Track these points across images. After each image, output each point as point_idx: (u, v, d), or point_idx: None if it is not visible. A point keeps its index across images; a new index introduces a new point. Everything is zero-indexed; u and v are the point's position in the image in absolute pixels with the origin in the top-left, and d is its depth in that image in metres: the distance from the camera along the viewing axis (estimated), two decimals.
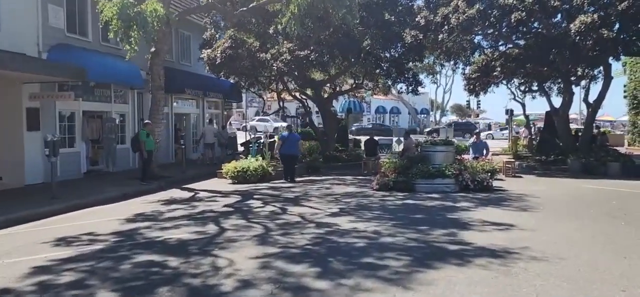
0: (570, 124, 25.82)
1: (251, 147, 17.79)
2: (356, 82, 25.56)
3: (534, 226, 8.68)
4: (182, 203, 11.85)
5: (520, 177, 16.92)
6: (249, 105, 27.53)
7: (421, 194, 12.58)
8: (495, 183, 13.95)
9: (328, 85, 25.60)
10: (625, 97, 31.90)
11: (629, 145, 30.55)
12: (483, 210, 10.35)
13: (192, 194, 13.47)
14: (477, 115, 62.09)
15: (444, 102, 62.09)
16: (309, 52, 18.93)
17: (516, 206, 10.84)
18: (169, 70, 22.08)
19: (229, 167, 15.92)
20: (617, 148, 24.43)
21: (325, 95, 24.87)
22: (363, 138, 26.07)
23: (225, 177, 15.91)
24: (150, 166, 15.34)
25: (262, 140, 21.83)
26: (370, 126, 47.81)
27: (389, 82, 24.97)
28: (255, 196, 12.77)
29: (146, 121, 15.81)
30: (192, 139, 24.15)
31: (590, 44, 18.40)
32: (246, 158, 16.80)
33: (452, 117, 66.24)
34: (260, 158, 16.53)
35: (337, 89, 26.24)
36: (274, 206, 11.15)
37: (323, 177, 16.90)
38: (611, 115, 57.20)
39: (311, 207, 10.89)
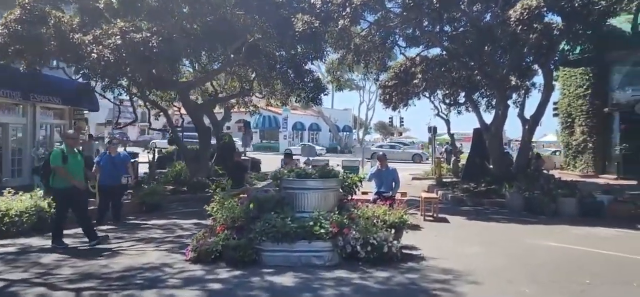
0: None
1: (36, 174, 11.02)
2: (244, 86, 19.38)
3: None
4: None
5: (445, 220, 11.21)
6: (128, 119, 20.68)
7: (267, 273, 6.43)
8: (407, 239, 8.06)
9: (200, 88, 19.32)
10: (555, 115, 27.56)
11: (561, 168, 26.16)
12: None
13: None
14: (400, 134, 57.46)
15: (368, 119, 56.95)
16: (148, 36, 12.47)
17: None
18: None
19: None
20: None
21: (199, 101, 18.50)
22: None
23: None
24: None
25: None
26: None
27: (287, 89, 19.01)
28: None
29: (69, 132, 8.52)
30: (11, 158, 16.91)
31: (535, 38, 13.19)
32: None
33: (376, 136, 61.38)
34: (38, 193, 9.83)
35: (217, 94, 19.92)
36: None
37: (152, 223, 10.46)
38: None
39: None
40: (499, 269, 6.87)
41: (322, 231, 6.84)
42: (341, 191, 8.52)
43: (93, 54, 12.09)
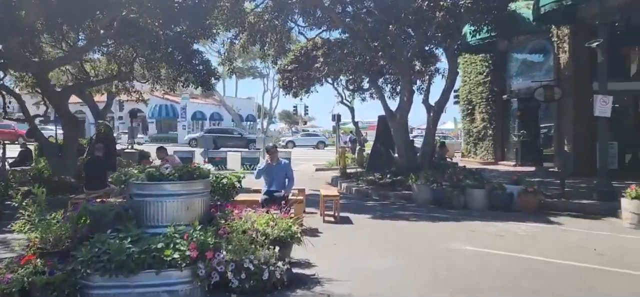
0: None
1: None
2: (121, 68, 16.72)
3: None
4: None
5: (348, 221, 9.64)
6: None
7: None
8: (299, 251, 6.28)
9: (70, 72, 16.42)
10: (457, 102, 27.42)
11: (463, 156, 26.04)
12: None
13: None
14: (305, 123, 56.12)
15: (272, 108, 54.93)
16: None
17: None
18: None
19: None
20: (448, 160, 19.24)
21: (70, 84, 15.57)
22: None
23: None
24: None
25: None
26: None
27: (174, 73, 16.64)
28: None
29: None
30: None
31: (441, 16, 12.05)
32: None
33: (281, 125, 59.62)
34: None
35: (90, 78, 17.06)
36: None
37: None
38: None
39: None
40: (408, 282, 5.31)
41: (177, 255, 4.88)
42: (215, 195, 6.59)
43: None
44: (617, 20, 15.19)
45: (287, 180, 8.69)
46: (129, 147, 23.06)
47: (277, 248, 5.45)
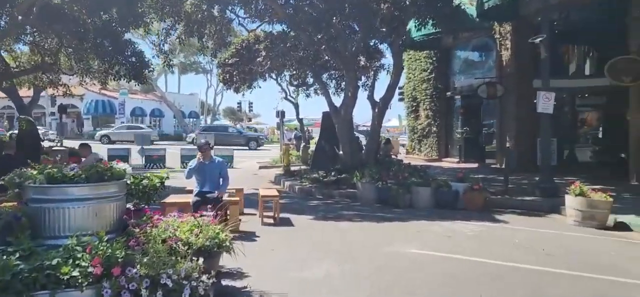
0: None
1: None
2: (46, 59, 15.38)
3: None
4: None
5: (289, 223, 9.00)
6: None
7: None
8: (231, 260, 5.56)
9: None
10: (401, 99, 27.38)
11: (407, 153, 25.99)
12: None
13: None
14: (250, 120, 55.00)
15: (216, 105, 53.51)
16: None
17: None
18: None
19: None
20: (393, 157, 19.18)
21: None
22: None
23: None
24: None
25: None
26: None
27: (104, 65, 15.45)
28: None
29: None
30: None
31: (386, 8, 11.63)
32: None
33: (225, 122, 58.07)
34: None
35: (9, 69, 15.60)
36: None
37: None
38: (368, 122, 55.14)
39: None
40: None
41: (76, 272, 4.07)
42: (135, 198, 5.78)
43: None
44: (556, 18, 15.40)
45: (221, 179, 7.95)
46: (58, 144, 21.44)
47: (201, 259, 4.72)
